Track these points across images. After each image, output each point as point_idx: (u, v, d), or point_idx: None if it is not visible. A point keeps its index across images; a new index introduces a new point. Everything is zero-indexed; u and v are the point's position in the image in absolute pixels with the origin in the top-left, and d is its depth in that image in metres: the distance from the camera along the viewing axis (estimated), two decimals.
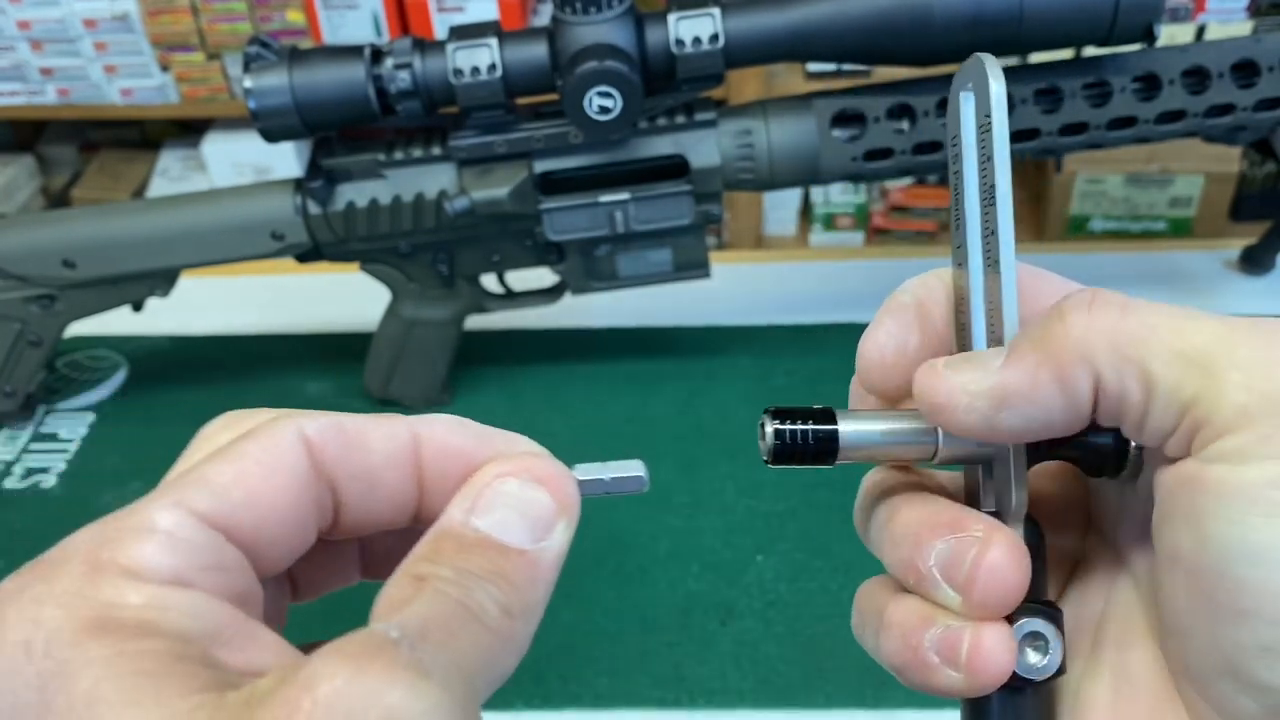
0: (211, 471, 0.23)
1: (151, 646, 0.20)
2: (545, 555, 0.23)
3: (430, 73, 0.64)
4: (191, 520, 0.22)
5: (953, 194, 0.29)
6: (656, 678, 0.61)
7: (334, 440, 0.24)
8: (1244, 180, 1.92)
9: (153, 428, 0.79)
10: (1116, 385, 0.24)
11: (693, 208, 0.69)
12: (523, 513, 0.23)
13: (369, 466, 0.25)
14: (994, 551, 0.25)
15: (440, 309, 0.76)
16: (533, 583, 0.23)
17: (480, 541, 0.23)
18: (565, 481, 0.24)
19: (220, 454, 0.23)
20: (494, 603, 0.22)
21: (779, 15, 0.63)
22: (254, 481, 0.23)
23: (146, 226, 0.72)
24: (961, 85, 0.28)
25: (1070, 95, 0.66)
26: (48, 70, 1.79)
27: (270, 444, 0.23)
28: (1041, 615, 0.26)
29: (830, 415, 0.27)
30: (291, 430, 0.24)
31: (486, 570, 0.22)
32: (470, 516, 0.23)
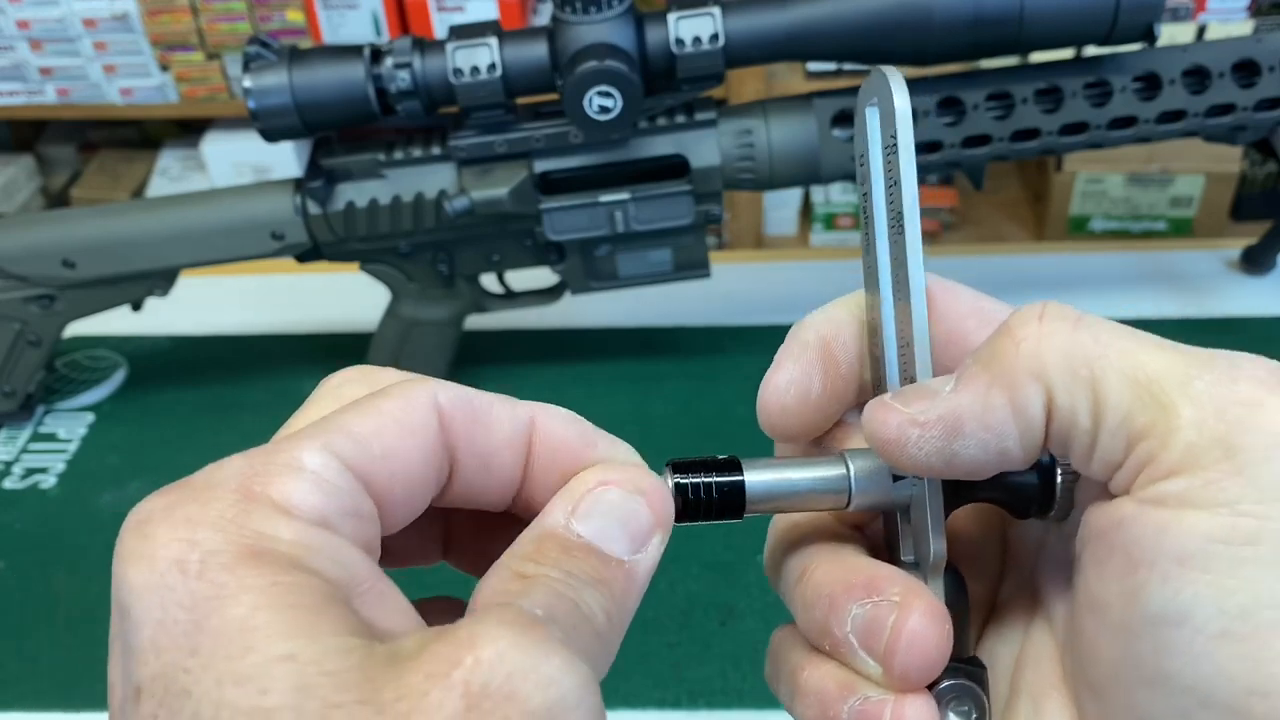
0: (354, 422, 0.23)
1: (306, 581, 0.20)
2: (640, 567, 0.23)
3: (430, 72, 0.64)
4: (336, 464, 0.22)
5: (860, 216, 0.27)
6: (656, 678, 0.60)
7: (463, 412, 0.24)
8: (1244, 180, 1.92)
9: (152, 428, 0.79)
10: (1068, 405, 0.22)
11: (693, 208, 0.69)
12: (623, 523, 0.24)
13: (490, 443, 0.25)
14: (913, 619, 0.24)
15: (440, 309, 0.76)
16: (627, 593, 0.23)
17: (583, 547, 0.23)
18: (663, 495, 0.24)
19: (360, 407, 0.23)
20: (600, 608, 0.22)
21: (779, 15, 0.63)
22: (392, 438, 0.23)
23: (146, 226, 0.72)
24: (866, 100, 0.26)
25: (1070, 95, 0.66)
26: (47, 70, 1.79)
27: (408, 405, 0.24)
28: (965, 675, 0.24)
29: (736, 465, 0.26)
30: (427, 395, 0.24)
31: (591, 576, 0.22)
32: (572, 520, 0.23)
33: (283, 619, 0.19)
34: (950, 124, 0.67)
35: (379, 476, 0.23)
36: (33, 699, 0.62)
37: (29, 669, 0.63)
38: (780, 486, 0.26)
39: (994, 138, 0.67)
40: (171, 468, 0.81)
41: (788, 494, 0.26)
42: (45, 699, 0.62)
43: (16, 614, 0.66)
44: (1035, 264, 0.88)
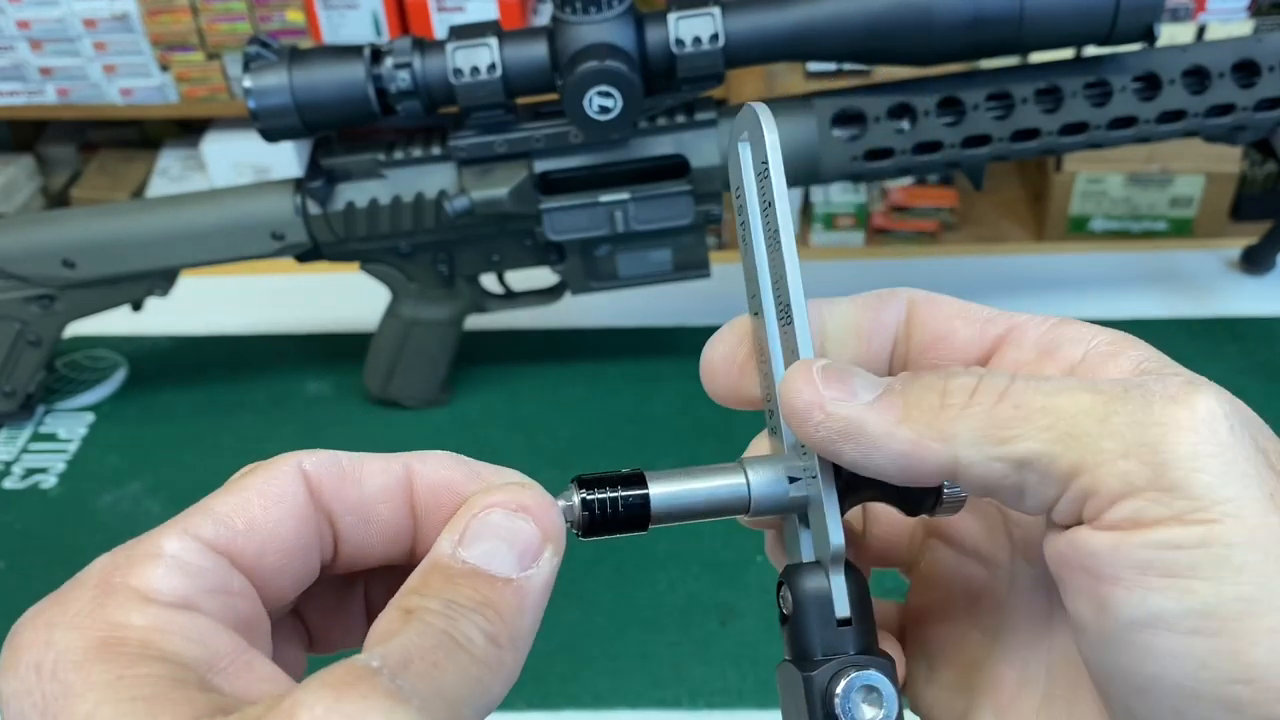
0: (216, 503, 0.24)
1: (151, 671, 0.20)
2: (532, 583, 0.23)
3: (430, 72, 0.64)
4: (197, 545, 0.23)
5: (741, 246, 0.28)
6: (656, 678, 0.60)
7: (330, 474, 0.25)
8: (1244, 180, 1.92)
9: (152, 428, 0.79)
10: (981, 469, 0.23)
11: (693, 207, 0.69)
12: (509, 542, 0.24)
13: (363, 500, 0.25)
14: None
15: (440, 309, 0.76)
16: (520, 610, 0.23)
17: (468, 572, 0.23)
18: (549, 510, 0.25)
19: (224, 488, 0.25)
20: (480, 632, 0.22)
21: (779, 15, 0.63)
22: (255, 511, 0.24)
23: (146, 226, 0.72)
24: (738, 136, 0.27)
25: (1070, 95, 0.66)
26: (47, 70, 1.79)
27: (270, 477, 0.25)
28: (875, 667, 0.25)
29: (641, 479, 0.26)
30: (290, 464, 0.25)
31: (474, 600, 0.22)
32: (458, 548, 0.24)
33: (124, 712, 0.19)
34: (950, 124, 0.67)
35: (246, 550, 0.24)
36: None
37: None
38: (683, 498, 0.26)
39: (994, 138, 0.67)
40: (171, 468, 0.82)
41: (690, 505, 0.26)
42: None
43: (16, 614, 0.66)
44: (1035, 264, 0.88)
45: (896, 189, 2.06)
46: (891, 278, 0.93)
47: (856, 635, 0.25)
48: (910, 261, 0.93)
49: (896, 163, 0.68)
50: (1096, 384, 0.23)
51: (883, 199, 2.08)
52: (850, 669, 0.24)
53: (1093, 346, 0.26)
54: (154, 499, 0.73)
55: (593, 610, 0.64)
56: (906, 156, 0.68)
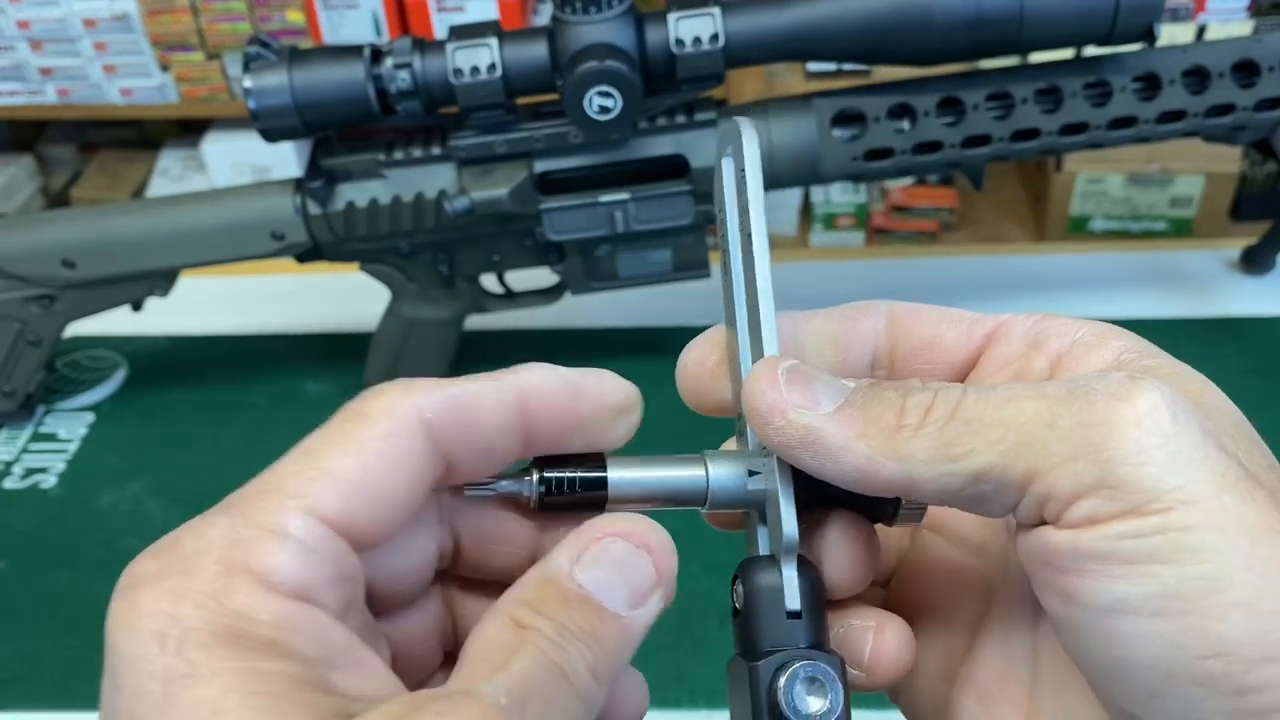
0: (334, 461, 0.23)
1: (279, 668, 0.20)
2: (637, 624, 0.23)
3: (430, 72, 0.64)
4: (320, 529, 0.22)
5: (721, 257, 0.29)
6: (656, 678, 0.60)
7: (451, 419, 0.24)
8: (1244, 180, 1.93)
9: (152, 428, 0.79)
10: (935, 484, 0.24)
11: (693, 207, 0.69)
12: (626, 578, 0.24)
13: (486, 438, 0.25)
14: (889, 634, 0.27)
15: (440, 309, 0.76)
16: (620, 650, 0.23)
17: (582, 599, 0.23)
18: (668, 555, 0.24)
19: (340, 436, 0.23)
20: (585, 666, 0.22)
21: (779, 15, 0.63)
22: (377, 474, 0.23)
23: (146, 226, 0.72)
24: (722, 152, 0.28)
25: (1070, 95, 0.66)
26: (47, 70, 1.79)
27: (391, 432, 0.23)
28: (823, 660, 0.24)
29: (600, 461, 0.27)
30: (410, 413, 0.24)
31: (583, 631, 0.22)
32: (575, 568, 0.23)
33: (252, 705, 0.19)
34: (950, 124, 0.67)
35: (364, 527, 0.23)
36: (33, 699, 0.62)
37: (29, 669, 0.63)
38: (640, 483, 0.27)
39: (994, 138, 0.67)
40: (171, 468, 0.82)
41: (648, 489, 0.27)
42: (45, 699, 0.62)
43: (16, 614, 0.66)
44: (1035, 264, 0.88)
45: (896, 189, 2.06)
46: (891, 278, 0.93)
47: (806, 629, 0.25)
48: (910, 261, 0.93)
49: (896, 163, 0.68)
50: (1042, 388, 0.23)
51: (883, 199, 2.08)
52: (797, 660, 0.24)
53: (1078, 337, 0.26)
54: (154, 499, 0.73)
55: None
56: (906, 156, 0.68)
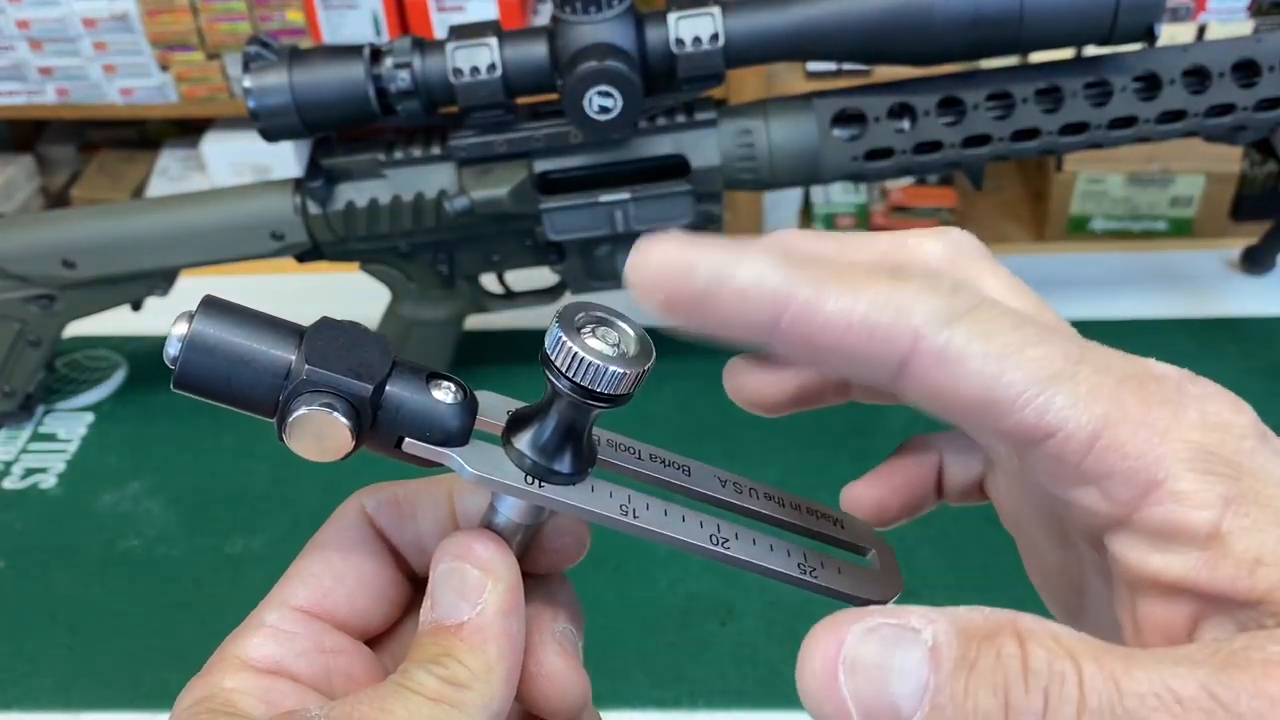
0: (304, 565, 0.29)
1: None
2: (483, 618, 0.26)
3: (430, 72, 0.64)
4: (292, 613, 0.28)
5: None
6: (656, 678, 0.60)
7: (388, 515, 0.29)
8: (1245, 180, 1.92)
9: (152, 428, 0.79)
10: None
11: (693, 207, 0.69)
12: (457, 590, 0.26)
13: (419, 535, 0.29)
14: None
15: (440, 309, 0.76)
16: (482, 644, 0.25)
17: (432, 630, 0.26)
18: (481, 548, 0.27)
19: (309, 549, 0.29)
20: (433, 677, 0.25)
21: (779, 15, 0.63)
22: (336, 563, 0.28)
23: (146, 226, 0.72)
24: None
25: (1071, 95, 0.66)
26: (47, 70, 1.79)
27: (341, 527, 0.29)
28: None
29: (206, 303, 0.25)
30: (354, 509, 0.29)
31: (434, 654, 0.25)
32: (428, 613, 0.26)
33: None
34: (950, 124, 0.67)
35: (339, 603, 0.28)
36: (33, 699, 0.62)
37: (29, 669, 0.63)
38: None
39: (994, 138, 0.67)
40: (171, 468, 0.82)
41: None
42: (45, 699, 0.62)
43: (16, 614, 0.66)
44: (1035, 264, 0.88)
45: (896, 189, 2.06)
46: None
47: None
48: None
49: (896, 163, 0.68)
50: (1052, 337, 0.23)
51: (883, 199, 2.08)
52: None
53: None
54: (154, 499, 0.73)
55: (593, 610, 0.64)
56: (906, 156, 0.68)
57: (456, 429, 0.26)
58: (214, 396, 0.25)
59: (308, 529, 0.30)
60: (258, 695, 0.26)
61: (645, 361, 0.25)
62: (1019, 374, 0.21)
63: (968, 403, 0.21)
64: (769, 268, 0.22)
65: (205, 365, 0.24)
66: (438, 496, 0.29)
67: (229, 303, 0.25)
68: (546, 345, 0.25)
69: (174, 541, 0.70)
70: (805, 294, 0.22)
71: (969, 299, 0.22)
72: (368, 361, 0.25)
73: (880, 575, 0.28)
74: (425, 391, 0.26)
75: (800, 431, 0.74)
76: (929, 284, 0.22)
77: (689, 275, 0.23)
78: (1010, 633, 0.19)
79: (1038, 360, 0.21)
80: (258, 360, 0.24)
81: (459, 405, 0.26)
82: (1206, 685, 0.18)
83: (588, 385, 0.25)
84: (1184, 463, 0.21)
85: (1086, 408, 0.21)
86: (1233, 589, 0.20)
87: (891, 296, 0.22)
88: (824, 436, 0.73)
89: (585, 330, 0.25)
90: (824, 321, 0.22)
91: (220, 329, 0.24)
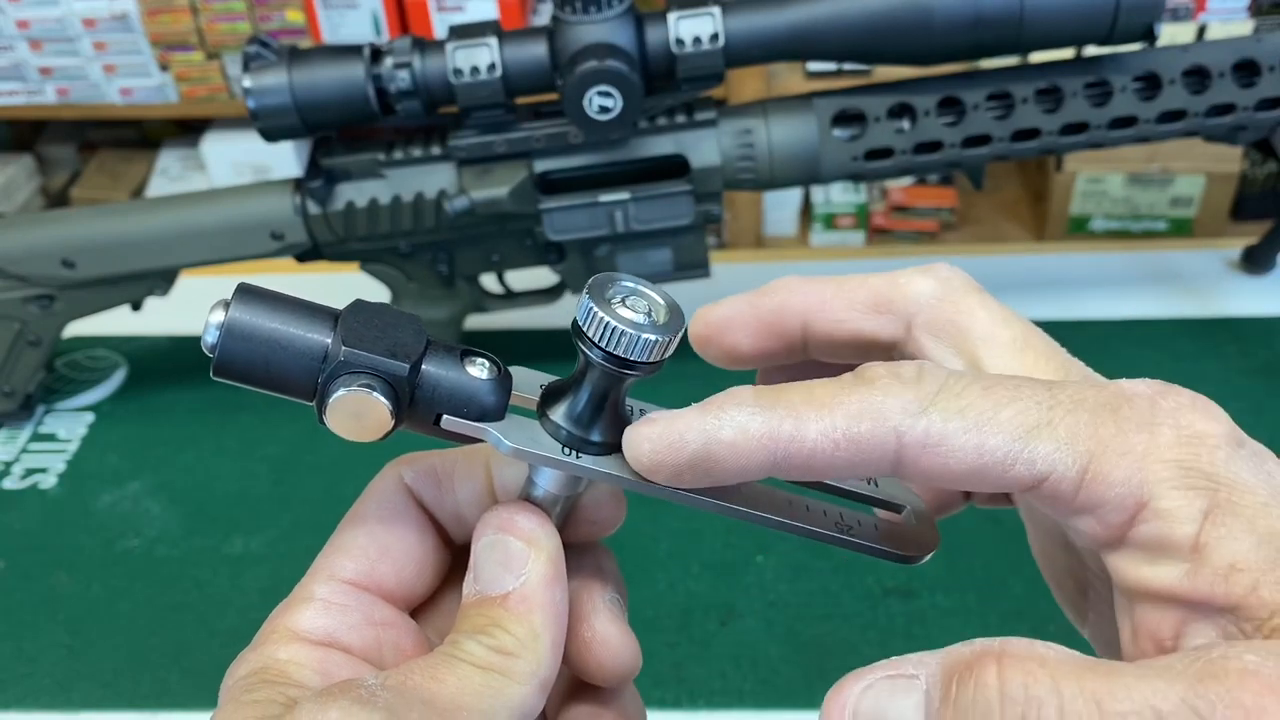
0: (347, 538, 0.29)
1: (268, 695, 0.25)
2: (527, 587, 0.26)
3: (430, 72, 0.64)
4: (341, 586, 0.28)
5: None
6: (656, 678, 0.60)
7: (428, 485, 0.29)
8: (1245, 180, 1.92)
9: (152, 428, 0.79)
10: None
11: (693, 207, 0.69)
12: (501, 562, 0.26)
13: (457, 505, 0.29)
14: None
15: (440, 309, 0.76)
16: (526, 614, 0.26)
17: (476, 601, 0.26)
18: (524, 520, 0.27)
19: (350, 520, 0.29)
20: (482, 647, 0.25)
21: (779, 15, 0.63)
22: (380, 535, 0.28)
23: (146, 226, 0.72)
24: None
25: (1071, 95, 0.66)
26: (47, 70, 1.79)
27: (382, 499, 0.29)
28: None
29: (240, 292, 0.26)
30: (393, 480, 0.29)
31: (481, 625, 0.26)
32: (472, 585, 0.27)
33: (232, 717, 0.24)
34: (950, 124, 0.67)
35: (387, 574, 0.28)
36: (33, 699, 0.62)
37: (29, 669, 0.63)
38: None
39: (994, 138, 0.67)
40: (171, 468, 0.82)
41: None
42: (45, 699, 0.62)
43: (16, 614, 0.66)
44: (1035, 264, 0.88)
45: (896, 189, 2.06)
46: None
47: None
48: (910, 261, 0.92)
49: (896, 163, 0.68)
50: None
51: (883, 199, 2.08)
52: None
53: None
54: (154, 499, 0.73)
55: None
56: (906, 156, 0.68)
57: (493, 404, 0.26)
58: (253, 382, 0.25)
59: (308, 529, 0.30)
60: (313, 667, 0.26)
61: (677, 328, 0.26)
62: (999, 438, 0.23)
63: (961, 475, 0.23)
64: (747, 416, 0.24)
65: (243, 352, 0.24)
66: (475, 467, 0.29)
67: (264, 289, 0.25)
68: (578, 316, 0.25)
69: (174, 541, 0.70)
70: (788, 429, 0.24)
71: (934, 380, 0.23)
72: (403, 341, 0.25)
73: (917, 530, 0.28)
74: (460, 369, 0.26)
75: None
76: (895, 379, 0.24)
77: (681, 448, 0.24)
78: (990, 661, 0.20)
79: (1013, 419, 0.23)
80: (295, 344, 0.25)
81: (494, 381, 0.26)
82: (1185, 698, 0.19)
83: (621, 354, 0.25)
84: (1165, 482, 0.22)
85: (1069, 450, 0.22)
86: (1211, 595, 0.21)
87: (865, 405, 0.23)
88: None
89: (615, 300, 0.25)
90: (812, 449, 0.23)
91: (256, 315, 0.25)
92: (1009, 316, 0.28)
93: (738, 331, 0.30)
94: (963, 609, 0.62)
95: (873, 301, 0.29)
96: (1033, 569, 0.30)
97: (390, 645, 0.28)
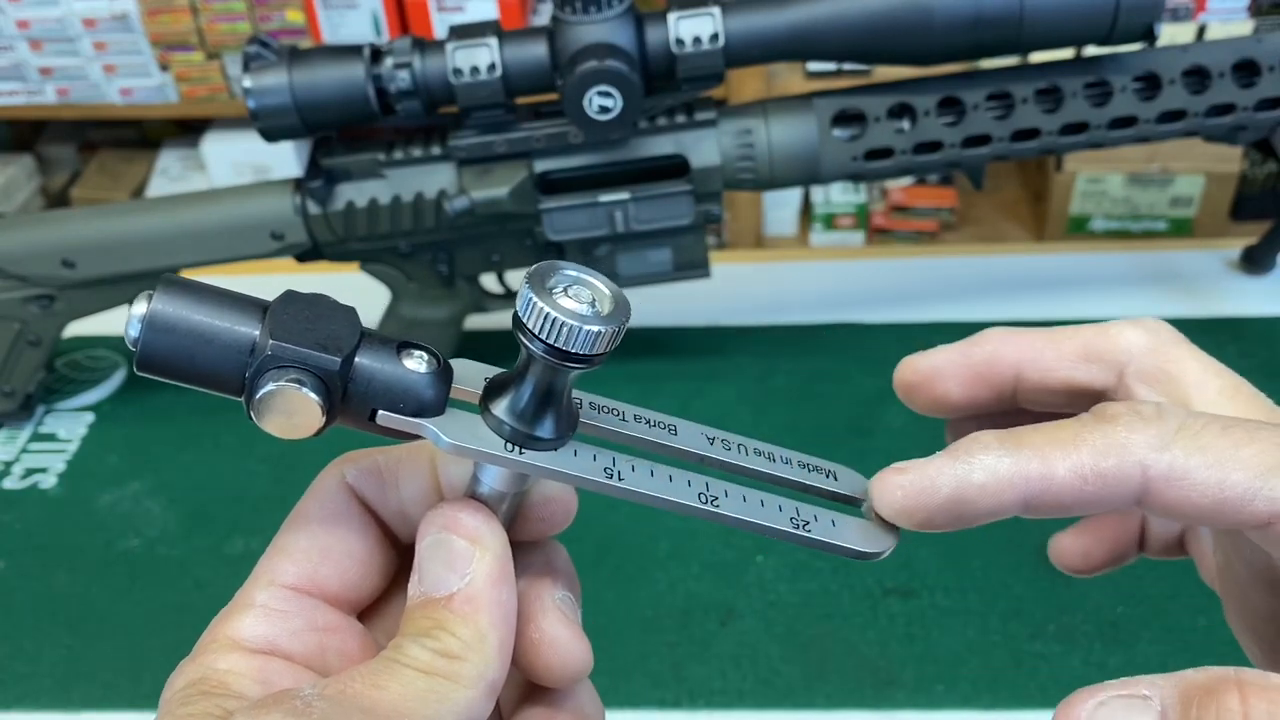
0: (288, 540, 0.28)
1: (205, 708, 0.24)
2: (472, 587, 0.26)
3: (430, 72, 0.64)
4: (282, 592, 0.27)
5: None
6: (656, 678, 0.60)
7: (371, 484, 0.29)
8: (1245, 180, 1.92)
9: (152, 428, 0.79)
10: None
11: (693, 207, 0.69)
12: (445, 562, 0.26)
13: (401, 504, 0.29)
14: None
15: (440, 309, 0.76)
16: (472, 615, 0.25)
17: (421, 604, 0.26)
18: (468, 518, 0.26)
19: (290, 523, 0.28)
20: (425, 650, 0.25)
21: (779, 14, 0.63)
22: (321, 537, 0.28)
23: (146, 226, 0.72)
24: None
25: (1070, 95, 0.66)
26: (47, 70, 1.79)
27: (322, 499, 0.28)
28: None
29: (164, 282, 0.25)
30: (334, 480, 0.29)
31: (425, 627, 0.25)
32: (416, 587, 0.26)
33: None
34: (950, 124, 0.67)
35: (329, 577, 0.28)
36: (33, 699, 0.62)
37: (29, 669, 0.63)
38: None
39: (994, 138, 0.67)
40: (171, 468, 0.82)
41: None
42: (45, 699, 0.62)
43: (16, 614, 0.66)
44: (1035, 264, 0.88)
45: (896, 189, 2.06)
46: (891, 278, 0.93)
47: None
48: (910, 261, 0.93)
49: (896, 163, 0.68)
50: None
51: (883, 199, 2.08)
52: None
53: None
54: (154, 499, 0.73)
55: (592, 610, 0.64)
56: (906, 156, 0.68)
57: (431, 399, 0.25)
58: (180, 378, 0.24)
59: None
60: (252, 676, 0.25)
61: (621, 319, 0.25)
62: (1241, 474, 0.24)
63: (1202, 509, 0.24)
64: (995, 459, 0.25)
65: (167, 345, 0.23)
66: (420, 464, 0.28)
67: (190, 280, 0.24)
68: (518, 307, 0.24)
69: (174, 542, 0.70)
70: (1036, 469, 0.25)
71: (1174, 418, 0.25)
72: (335, 334, 0.24)
73: (874, 527, 0.28)
74: (397, 362, 0.25)
75: (801, 431, 0.74)
76: (1137, 417, 0.25)
77: (934, 493, 0.26)
78: (1231, 687, 0.21)
79: (1254, 458, 0.24)
80: (221, 338, 0.24)
81: (432, 374, 0.25)
82: None
83: (562, 346, 0.24)
84: None
85: None
86: None
87: (1110, 442, 0.25)
88: (824, 435, 0.73)
89: (557, 290, 0.24)
90: (1061, 485, 0.25)
91: (180, 307, 0.24)
92: (1219, 367, 0.30)
93: (949, 380, 0.31)
94: (963, 609, 0.62)
95: (1084, 352, 0.31)
96: (1033, 569, 0.30)
97: (335, 651, 0.27)
